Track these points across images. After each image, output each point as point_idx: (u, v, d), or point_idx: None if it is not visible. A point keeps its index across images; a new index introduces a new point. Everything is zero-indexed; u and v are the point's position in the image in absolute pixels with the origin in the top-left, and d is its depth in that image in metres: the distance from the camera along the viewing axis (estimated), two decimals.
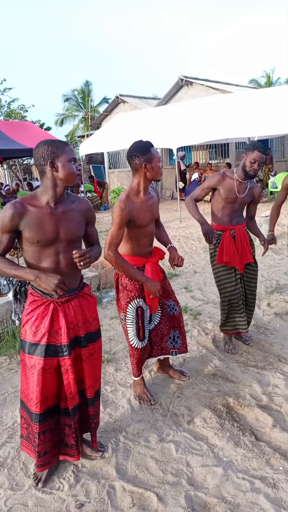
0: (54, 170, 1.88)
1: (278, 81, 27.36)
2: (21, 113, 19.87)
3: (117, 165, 17.90)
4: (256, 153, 2.95)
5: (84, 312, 2.10)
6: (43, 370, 1.98)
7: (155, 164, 2.45)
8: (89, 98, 27.16)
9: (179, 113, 11.18)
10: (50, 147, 1.87)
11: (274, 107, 8.97)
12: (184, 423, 2.54)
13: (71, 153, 1.91)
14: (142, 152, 2.43)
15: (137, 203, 2.49)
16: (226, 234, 3.21)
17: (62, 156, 1.87)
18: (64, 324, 1.99)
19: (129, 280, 2.62)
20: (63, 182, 1.91)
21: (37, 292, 2.01)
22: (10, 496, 2.07)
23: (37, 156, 1.87)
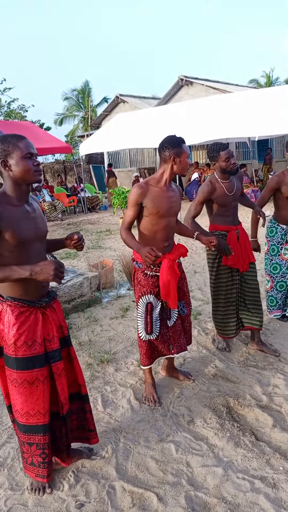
0: (8, 169, 1.77)
1: (277, 81, 27.38)
2: (21, 113, 19.91)
3: (117, 165, 17.90)
4: (221, 153, 2.99)
5: (60, 312, 2.08)
6: (47, 379, 1.94)
7: (183, 159, 2.50)
8: (89, 98, 27.17)
9: (179, 113, 11.17)
10: (2, 145, 1.75)
11: (274, 107, 8.97)
12: (184, 423, 2.54)
13: (26, 147, 1.77)
14: (173, 145, 2.48)
15: (155, 190, 2.51)
16: (231, 234, 3.19)
17: (14, 153, 1.75)
18: (54, 328, 1.97)
19: (143, 275, 2.65)
20: (22, 180, 1.80)
21: (22, 302, 1.87)
22: (10, 496, 2.07)
23: None
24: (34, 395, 1.92)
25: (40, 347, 1.91)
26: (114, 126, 12.84)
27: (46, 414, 1.95)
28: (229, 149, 3.02)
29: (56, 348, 1.96)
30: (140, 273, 2.69)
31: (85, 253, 7.31)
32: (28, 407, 1.94)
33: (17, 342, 1.86)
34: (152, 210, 2.51)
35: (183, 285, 2.84)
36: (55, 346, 1.96)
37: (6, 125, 12.80)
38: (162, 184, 2.54)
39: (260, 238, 3.96)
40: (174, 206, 2.59)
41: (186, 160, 2.52)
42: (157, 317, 2.71)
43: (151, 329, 2.69)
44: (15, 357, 1.88)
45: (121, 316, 4.30)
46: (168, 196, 2.55)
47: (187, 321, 2.91)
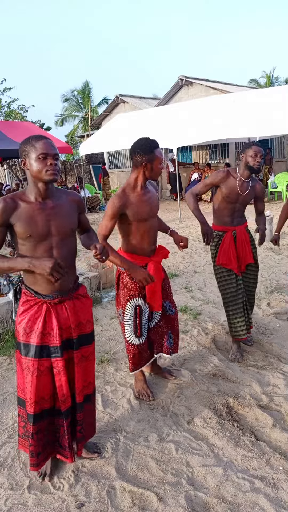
0: (27, 168, 1.88)
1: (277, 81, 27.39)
2: (21, 113, 19.90)
3: (117, 165, 17.89)
4: (254, 147, 2.98)
5: (77, 313, 2.07)
6: (38, 372, 1.97)
7: (155, 166, 2.48)
8: (89, 98, 27.18)
9: (179, 113, 11.17)
10: (22, 146, 1.87)
11: (274, 107, 8.97)
12: (184, 423, 2.54)
13: (41, 148, 1.85)
14: (145, 151, 2.45)
15: (133, 197, 2.51)
16: (227, 235, 3.20)
17: (31, 153, 1.85)
18: (56, 325, 1.98)
19: (130, 279, 2.63)
20: (37, 179, 1.88)
21: (31, 292, 1.99)
22: (10, 496, 2.07)
23: (19, 152, 1.90)
24: (25, 381, 2.01)
25: (37, 338, 1.95)
26: (114, 126, 12.84)
27: (32, 405, 1.99)
28: (261, 148, 3.01)
29: (57, 344, 1.98)
30: (126, 276, 2.66)
31: (85, 253, 7.31)
32: (23, 389, 2.05)
33: (18, 326, 2.00)
34: (134, 217, 2.51)
35: (166, 285, 2.85)
36: (56, 343, 1.98)
37: (6, 125, 12.80)
38: (139, 189, 2.54)
39: None
40: (153, 208, 2.60)
41: (158, 166, 2.49)
42: (146, 320, 2.72)
43: (140, 332, 2.68)
44: (17, 338, 2.03)
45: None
46: (145, 199, 2.55)
47: (176, 320, 2.90)
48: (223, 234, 3.22)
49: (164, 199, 15.40)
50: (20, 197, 1.90)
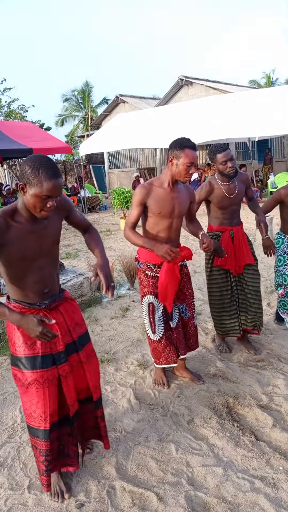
0: (23, 193, 1.72)
1: (277, 81, 27.39)
2: (21, 113, 19.88)
3: (117, 165, 17.90)
4: (219, 154, 2.93)
5: (71, 315, 2.05)
6: (48, 382, 1.90)
7: (181, 164, 2.40)
8: (89, 98, 27.18)
9: (179, 113, 11.18)
10: (29, 172, 1.66)
11: (274, 107, 8.97)
12: (184, 423, 2.54)
13: (48, 190, 1.67)
14: (175, 146, 2.42)
15: (158, 191, 2.50)
16: (225, 235, 3.19)
17: (35, 187, 1.66)
18: (57, 331, 1.94)
19: (144, 276, 2.67)
20: (29, 210, 1.76)
21: (23, 304, 1.90)
22: (10, 496, 2.07)
23: (21, 168, 1.71)
24: (33, 398, 1.90)
25: (41, 348, 1.89)
26: (114, 126, 12.84)
27: (47, 419, 1.90)
28: (227, 151, 2.95)
29: (61, 349, 1.94)
30: (142, 273, 2.70)
31: (85, 253, 7.31)
32: (29, 409, 1.93)
33: (17, 340, 1.89)
34: (154, 211, 2.51)
35: (185, 287, 2.80)
36: (60, 348, 1.94)
37: (6, 125, 12.80)
38: (166, 185, 2.51)
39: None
40: (179, 207, 2.56)
41: (184, 166, 2.40)
42: (160, 318, 2.70)
43: (154, 328, 2.71)
44: (15, 356, 1.91)
45: (121, 316, 4.30)
46: (172, 197, 2.52)
47: (190, 325, 2.86)
48: (220, 234, 3.21)
49: None
50: (11, 215, 1.77)
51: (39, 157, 1.69)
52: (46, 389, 1.89)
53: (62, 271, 4.74)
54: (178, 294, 2.75)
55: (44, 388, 1.89)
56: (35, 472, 2.21)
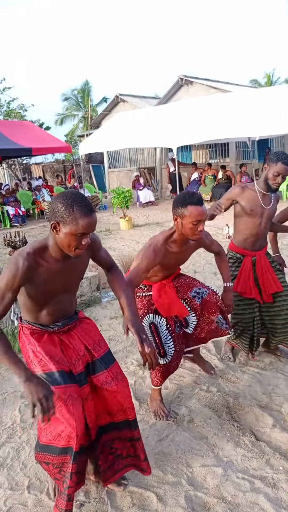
0: (55, 232, 1.63)
1: (278, 81, 27.38)
2: (20, 112, 19.89)
3: (117, 165, 17.89)
4: (280, 165, 2.64)
5: (89, 335, 1.95)
6: (72, 399, 1.74)
7: (186, 223, 2.19)
8: (89, 97, 27.18)
9: (179, 113, 11.17)
10: (63, 209, 1.59)
11: (274, 107, 8.97)
12: (184, 423, 2.53)
13: (83, 227, 1.59)
14: (177, 204, 2.22)
15: (171, 250, 2.35)
16: (247, 261, 2.94)
17: (69, 225, 1.59)
18: (74, 351, 1.86)
19: (136, 298, 2.53)
20: (62, 249, 1.69)
21: (35, 326, 1.84)
22: (10, 496, 2.07)
23: (52, 207, 1.64)
24: (60, 415, 1.73)
25: (59, 364, 1.78)
26: (113, 126, 12.84)
27: (74, 438, 1.72)
28: (286, 167, 2.64)
29: (80, 371, 1.85)
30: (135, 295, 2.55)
31: None
32: (54, 430, 1.78)
33: (34, 359, 1.80)
34: (160, 267, 2.41)
35: (181, 281, 2.63)
36: (79, 369, 1.85)
37: (6, 125, 12.80)
38: (177, 246, 2.36)
39: None
40: (185, 258, 2.51)
41: (190, 225, 2.18)
42: (167, 335, 2.47)
43: (163, 351, 2.46)
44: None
45: (121, 316, 4.29)
46: (180, 252, 2.40)
47: (215, 298, 2.62)
48: (242, 257, 2.98)
49: (164, 198, 15.40)
50: (41, 254, 1.70)
51: (71, 194, 1.62)
52: (70, 406, 1.72)
53: None
54: (184, 288, 2.60)
55: (68, 406, 1.72)
56: (35, 472, 2.20)
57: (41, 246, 1.71)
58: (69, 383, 1.76)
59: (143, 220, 10.68)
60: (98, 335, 2.01)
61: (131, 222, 9.70)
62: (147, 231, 9.11)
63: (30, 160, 20.91)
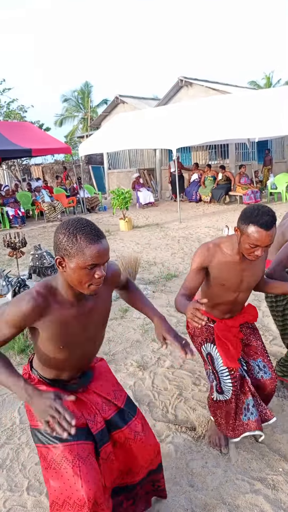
0: (63, 269, 1.39)
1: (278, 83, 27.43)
2: (20, 113, 19.88)
3: (117, 166, 17.90)
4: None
5: (106, 381, 1.74)
6: (81, 459, 1.49)
7: (243, 242, 1.88)
8: (89, 98, 27.22)
9: (178, 114, 11.18)
10: (65, 240, 1.34)
11: (273, 108, 8.98)
12: (183, 424, 2.53)
13: (92, 257, 1.33)
14: (242, 218, 1.87)
15: (227, 258, 2.02)
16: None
17: (75, 257, 1.33)
18: (91, 406, 1.63)
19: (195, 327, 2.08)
20: (74, 287, 1.42)
21: (45, 381, 1.62)
22: (9, 497, 2.07)
23: (54, 240, 1.40)
24: (67, 478, 1.48)
25: (75, 416, 1.51)
26: (113, 127, 12.84)
27: (84, 506, 1.45)
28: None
29: (100, 428, 1.61)
30: (190, 323, 2.10)
31: None
32: (61, 496, 1.50)
33: None
34: (215, 280, 2.07)
35: (251, 340, 2.26)
36: (99, 426, 1.60)
37: (6, 126, 12.80)
38: (235, 253, 2.01)
39: None
40: (248, 280, 2.09)
41: (247, 245, 1.87)
42: (224, 371, 2.14)
43: (220, 386, 2.14)
44: (36, 428, 1.56)
45: (120, 317, 4.29)
46: (240, 269, 2.04)
47: (269, 388, 2.23)
48: None
49: (164, 199, 15.40)
50: (53, 296, 1.44)
51: (73, 221, 1.37)
52: (81, 467, 1.47)
53: None
54: (245, 350, 2.26)
55: (78, 466, 1.47)
56: (34, 474, 2.20)
57: (53, 286, 1.46)
58: (81, 439, 1.52)
59: (142, 221, 10.67)
60: (114, 379, 1.79)
61: (131, 223, 9.69)
62: (146, 232, 9.11)
63: (30, 161, 20.93)
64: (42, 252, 4.65)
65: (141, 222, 10.62)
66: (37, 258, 4.61)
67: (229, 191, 12.80)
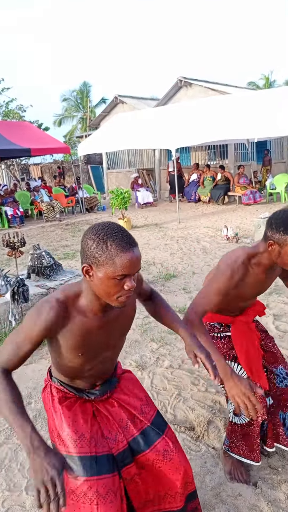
0: (89, 278, 1.27)
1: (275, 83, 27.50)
2: (19, 113, 19.88)
3: (116, 166, 17.91)
4: None
5: (133, 394, 1.61)
6: (101, 499, 1.35)
7: (284, 253, 1.67)
8: (88, 98, 27.23)
9: (177, 114, 11.19)
10: (94, 247, 1.22)
11: (272, 109, 9.00)
12: (182, 424, 2.53)
13: (122, 267, 1.20)
14: (280, 227, 1.65)
15: (252, 273, 1.81)
16: None
17: (104, 266, 1.21)
18: (114, 423, 1.52)
19: (213, 339, 2.02)
20: (101, 298, 1.31)
21: (67, 388, 1.52)
22: (8, 497, 2.06)
23: (82, 245, 1.27)
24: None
25: (90, 445, 1.42)
26: (112, 127, 12.85)
27: None
28: None
29: (122, 448, 1.48)
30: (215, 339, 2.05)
31: None
32: None
33: (62, 433, 1.45)
34: (237, 294, 1.87)
35: (269, 345, 2.11)
36: (121, 446, 1.48)
37: (4, 125, 12.79)
38: (261, 269, 1.82)
39: None
40: (265, 287, 1.95)
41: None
42: None
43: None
44: (66, 453, 1.43)
45: None
46: (262, 278, 1.86)
47: None
48: None
49: (163, 199, 15.41)
50: (74, 304, 1.35)
51: (103, 226, 1.25)
52: (101, 506, 1.34)
53: (59, 272, 4.73)
54: (266, 356, 2.08)
55: (97, 505, 1.34)
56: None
57: (75, 293, 1.35)
58: (104, 473, 1.39)
59: (141, 221, 10.68)
60: (143, 392, 1.65)
61: (130, 223, 9.70)
62: (145, 232, 9.11)
63: (29, 160, 20.92)
64: (41, 251, 4.64)
65: (140, 222, 10.62)
66: (36, 257, 4.60)
67: (228, 191, 12.82)
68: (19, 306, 3.86)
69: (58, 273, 4.66)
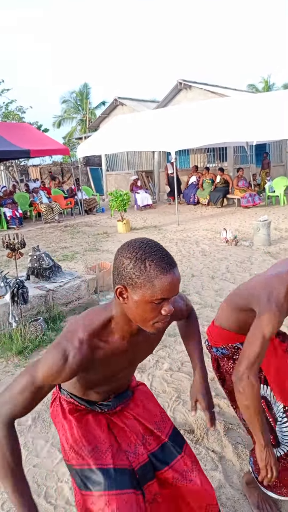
0: (123, 300, 1.15)
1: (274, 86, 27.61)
2: (18, 114, 19.88)
3: (115, 168, 17.93)
4: None
5: (148, 408, 1.52)
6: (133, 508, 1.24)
7: None
8: (87, 100, 27.26)
9: (177, 116, 11.22)
10: (132, 266, 1.10)
11: (272, 112, 9.03)
12: (182, 427, 2.53)
13: (162, 291, 1.09)
14: None
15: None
16: None
17: (141, 288, 1.09)
18: (132, 435, 1.41)
19: (234, 363, 1.84)
20: (134, 322, 1.19)
21: (78, 401, 1.43)
22: (7, 499, 2.06)
23: (116, 264, 1.15)
24: None
25: (106, 457, 1.31)
26: (112, 129, 12.86)
27: None
28: None
29: (143, 462, 1.36)
30: (227, 360, 1.89)
31: (82, 255, 7.30)
32: None
33: (74, 446, 1.36)
34: None
35: None
36: (141, 460, 1.36)
37: (4, 127, 12.79)
38: None
39: None
40: None
41: None
42: (284, 416, 1.69)
43: (275, 439, 1.71)
44: (73, 468, 1.34)
45: None
46: None
47: None
48: None
49: (162, 202, 15.42)
50: (100, 336, 1.23)
51: (140, 244, 1.13)
52: None
53: (59, 274, 4.73)
54: None
55: None
56: (32, 476, 2.19)
57: (102, 324, 1.22)
58: (122, 487, 1.26)
59: (140, 223, 10.68)
60: (158, 406, 1.56)
61: (129, 225, 9.70)
62: (144, 234, 9.11)
63: (28, 162, 20.92)
64: (40, 253, 4.64)
65: (139, 224, 10.62)
66: (35, 259, 4.60)
67: (227, 194, 12.84)
68: (19, 307, 3.86)
69: (57, 274, 4.66)
